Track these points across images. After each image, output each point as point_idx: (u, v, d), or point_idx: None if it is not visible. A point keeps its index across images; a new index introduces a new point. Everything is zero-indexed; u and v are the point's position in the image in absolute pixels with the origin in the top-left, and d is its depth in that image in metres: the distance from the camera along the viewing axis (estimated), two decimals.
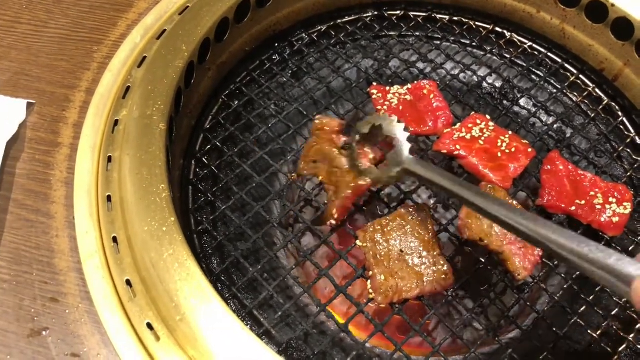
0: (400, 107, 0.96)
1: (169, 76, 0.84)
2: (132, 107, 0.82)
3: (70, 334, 0.70)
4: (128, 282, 0.73)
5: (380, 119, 0.82)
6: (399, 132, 0.80)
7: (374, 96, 0.99)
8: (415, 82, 1.00)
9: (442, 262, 0.80)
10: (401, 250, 0.82)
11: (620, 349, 0.81)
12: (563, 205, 0.88)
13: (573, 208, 0.88)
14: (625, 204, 0.88)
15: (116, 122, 0.86)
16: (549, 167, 0.91)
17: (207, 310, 0.66)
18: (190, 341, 0.67)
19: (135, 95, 0.83)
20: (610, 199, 0.89)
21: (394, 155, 0.80)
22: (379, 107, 0.97)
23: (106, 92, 0.90)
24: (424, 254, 0.81)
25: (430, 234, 0.83)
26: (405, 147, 0.79)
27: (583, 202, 0.88)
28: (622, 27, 1.00)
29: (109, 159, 0.83)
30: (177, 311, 0.67)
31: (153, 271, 0.69)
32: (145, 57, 0.92)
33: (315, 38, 1.11)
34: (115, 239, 0.76)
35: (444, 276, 0.79)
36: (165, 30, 0.93)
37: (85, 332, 0.71)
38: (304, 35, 1.11)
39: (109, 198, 0.79)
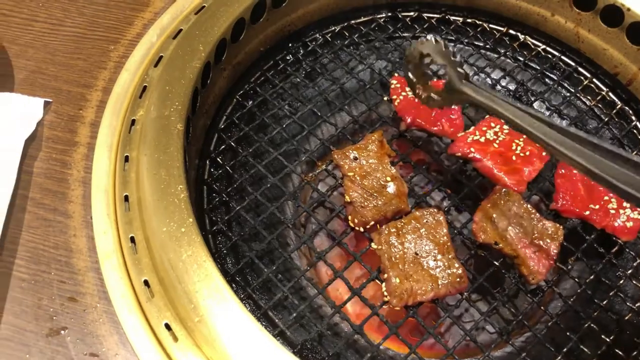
0: (416, 100, 0.95)
1: (186, 77, 0.84)
2: (149, 107, 0.82)
3: (88, 334, 0.71)
4: (146, 283, 0.73)
5: (426, 47, 0.82)
6: (448, 59, 0.80)
7: (392, 86, 0.99)
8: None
9: (456, 265, 0.81)
10: (416, 253, 0.82)
11: (634, 354, 0.81)
12: (577, 210, 0.88)
13: (587, 212, 0.88)
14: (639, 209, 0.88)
15: (133, 122, 0.87)
16: (563, 171, 0.91)
17: (225, 312, 0.67)
18: (208, 342, 0.67)
19: (153, 95, 0.84)
20: (624, 204, 0.89)
21: (448, 82, 0.80)
22: (395, 97, 0.97)
23: (123, 91, 0.90)
24: (439, 257, 0.82)
25: (445, 237, 0.83)
26: (456, 72, 0.79)
27: (597, 206, 0.88)
28: (637, 31, 1.00)
29: (126, 159, 0.83)
30: (196, 312, 0.67)
31: (172, 272, 0.70)
32: (161, 57, 0.92)
33: (329, 39, 1.11)
34: (132, 239, 0.76)
35: (458, 279, 0.80)
36: (181, 29, 0.93)
37: (103, 332, 0.71)
38: (317, 35, 1.11)
39: (126, 198, 0.80)
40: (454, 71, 0.80)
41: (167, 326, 0.70)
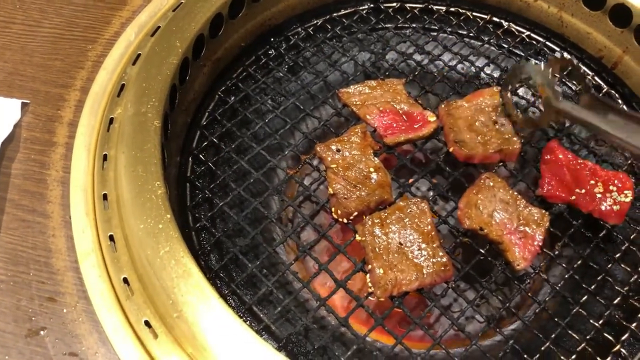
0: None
1: (163, 73, 0.84)
2: (127, 104, 0.81)
3: (67, 333, 0.70)
4: (125, 280, 0.72)
5: (526, 71, 0.85)
6: (546, 80, 0.82)
7: None
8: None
9: (441, 254, 0.80)
10: (400, 243, 0.81)
11: (623, 337, 0.80)
12: (563, 195, 0.87)
13: (573, 197, 0.87)
14: (626, 192, 0.87)
15: (111, 120, 0.86)
16: (548, 156, 0.90)
17: (204, 307, 0.66)
18: (188, 338, 0.66)
19: (130, 93, 0.83)
20: (611, 187, 0.87)
21: (547, 100, 0.82)
22: None
23: (101, 90, 0.89)
24: (423, 246, 0.81)
25: (429, 226, 0.82)
26: (555, 91, 0.81)
27: (583, 191, 0.87)
28: (620, 13, 0.99)
29: (105, 158, 0.83)
30: (175, 308, 0.66)
31: (149, 269, 0.69)
32: (139, 55, 0.92)
33: (311, 32, 1.10)
34: (111, 238, 0.76)
35: (443, 268, 0.79)
36: (159, 27, 0.93)
37: (82, 331, 0.71)
38: (299, 29, 1.10)
39: (104, 197, 0.79)
40: (551, 90, 0.81)
41: (147, 323, 0.69)
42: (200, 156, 0.93)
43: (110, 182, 0.79)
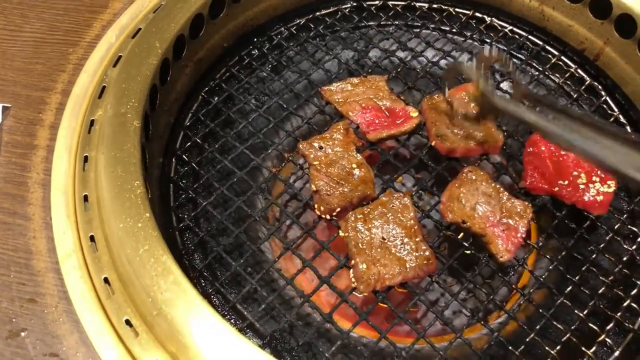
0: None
1: (143, 74, 0.84)
2: (107, 106, 0.82)
3: (48, 334, 0.70)
4: (106, 280, 0.72)
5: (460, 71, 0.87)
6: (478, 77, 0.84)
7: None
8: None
9: (424, 248, 0.80)
10: (383, 238, 0.81)
11: (608, 327, 0.80)
12: (546, 187, 0.88)
13: (556, 189, 0.87)
14: (609, 182, 0.87)
15: (92, 122, 0.86)
16: (531, 149, 0.90)
17: (183, 304, 0.66)
18: (168, 336, 0.66)
19: (110, 94, 0.83)
20: (594, 178, 0.88)
21: (482, 97, 0.84)
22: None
23: (82, 92, 0.89)
24: (406, 240, 0.81)
25: (412, 221, 0.82)
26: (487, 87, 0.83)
27: (566, 182, 0.87)
28: (600, 5, 0.99)
29: (85, 159, 0.83)
30: (154, 306, 0.66)
31: (129, 267, 0.69)
32: (120, 57, 0.92)
33: (294, 32, 1.10)
34: (92, 238, 0.76)
35: (426, 261, 0.79)
36: (140, 29, 0.93)
37: (63, 332, 0.70)
38: (282, 29, 1.10)
39: (85, 198, 0.79)
40: (484, 86, 0.83)
41: (128, 322, 0.69)
42: (184, 157, 0.93)
43: (91, 183, 0.79)
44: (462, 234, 0.84)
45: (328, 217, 0.86)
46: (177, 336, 0.65)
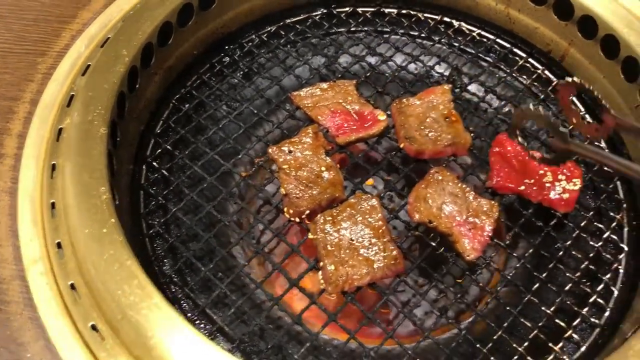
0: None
1: (110, 81, 0.84)
2: (74, 114, 0.82)
3: (13, 342, 0.70)
4: (72, 286, 0.72)
5: (529, 115, 0.84)
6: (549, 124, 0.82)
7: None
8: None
9: (391, 248, 0.80)
10: (351, 239, 0.81)
11: (575, 323, 0.81)
12: (512, 186, 0.89)
13: (522, 188, 0.88)
14: (574, 180, 0.88)
15: (60, 131, 0.87)
16: (497, 149, 0.91)
17: (147, 308, 0.66)
18: (134, 340, 0.66)
19: (77, 102, 0.84)
20: (560, 177, 0.89)
21: (555, 142, 0.82)
22: None
23: (51, 101, 0.90)
24: (374, 241, 0.81)
25: (380, 222, 0.83)
26: (561, 133, 0.80)
27: (532, 181, 0.88)
28: (563, 7, 1.01)
29: (53, 167, 0.83)
30: (119, 310, 0.66)
31: (94, 273, 0.69)
32: (89, 65, 0.92)
33: (265, 39, 1.11)
34: (59, 245, 0.76)
35: (393, 261, 0.79)
36: (109, 38, 0.93)
37: (28, 339, 0.70)
38: (253, 36, 1.11)
39: (52, 205, 0.79)
40: (556, 132, 0.81)
41: (94, 327, 0.69)
42: (154, 163, 0.94)
43: (58, 190, 0.79)
44: (432, 234, 0.85)
45: (297, 220, 0.86)
46: (142, 340, 0.65)
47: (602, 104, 0.80)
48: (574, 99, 0.87)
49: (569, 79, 0.84)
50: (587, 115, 1.01)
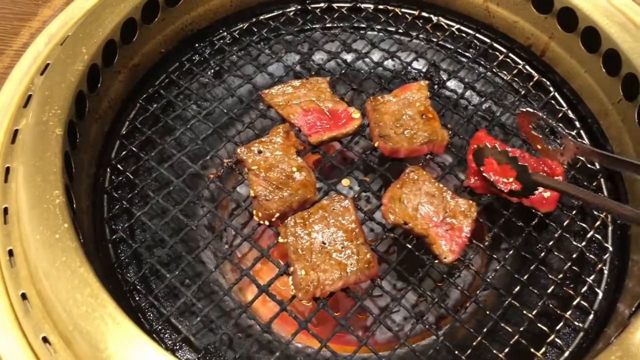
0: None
1: (67, 80, 0.80)
2: (30, 114, 0.78)
3: None
4: (24, 296, 0.68)
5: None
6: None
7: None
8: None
9: (365, 251, 0.77)
10: (323, 243, 0.78)
11: (558, 327, 0.77)
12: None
13: (501, 187, 0.85)
14: (556, 178, 0.85)
15: (16, 132, 0.82)
16: (475, 146, 0.88)
17: (101, 318, 0.62)
18: (86, 352, 0.62)
19: (34, 102, 0.79)
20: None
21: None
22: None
23: (7, 102, 0.85)
24: (347, 243, 0.78)
25: (354, 224, 0.79)
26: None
27: (511, 180, 0.85)
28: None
29: (7, 170, 0.79)
30: (70, 321, 0.62)
31: (46, 281, 0.65)
32: (48, 64, 0.88)
33: (237, 36, 1.08)
34: (11, 252, 0.72)
35: (367, 265, 0.76)
36: (69, 35, 0.89)
37: None
38: (225, 33, 1.07)
39: (5, 210, 0.75)
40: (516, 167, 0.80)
41: (45, 339, 0.65)
42: (119, 166, 0.90)
43: (12, 195, 0.75)
44: (409, 236, 0.81)
45: (267, 223, 0.82)
46: (94, 353, 0.61)
47: (560, 130, 0.83)
48: (535, 125, 0.87)
49: (523, 110, 0.85)
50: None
